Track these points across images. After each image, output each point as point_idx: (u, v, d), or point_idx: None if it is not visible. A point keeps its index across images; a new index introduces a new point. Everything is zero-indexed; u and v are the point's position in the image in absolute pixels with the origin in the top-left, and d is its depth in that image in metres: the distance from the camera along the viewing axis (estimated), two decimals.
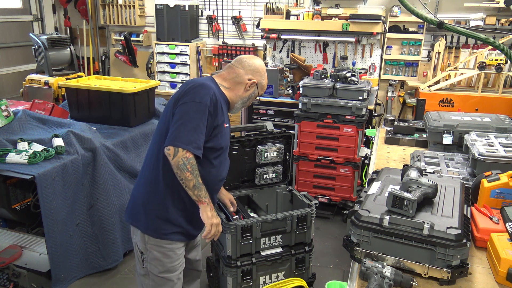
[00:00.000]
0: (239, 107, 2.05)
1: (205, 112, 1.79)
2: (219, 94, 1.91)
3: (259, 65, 2.03)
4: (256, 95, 2.05)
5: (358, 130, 3.68)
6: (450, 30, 2.42)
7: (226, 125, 1.97)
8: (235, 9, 5.47)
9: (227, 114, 2.01)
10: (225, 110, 1.97)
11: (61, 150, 2.74)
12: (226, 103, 1.98)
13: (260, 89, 2.05)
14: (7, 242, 2.91)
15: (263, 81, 2.04)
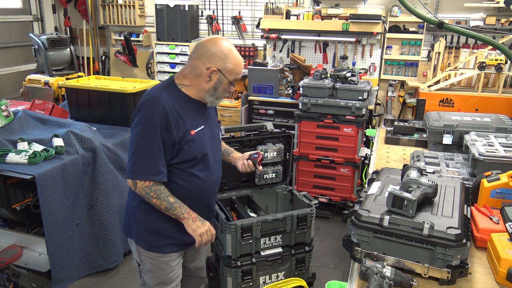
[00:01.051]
0: (212, 100, 1.80)
1: (156, 132, 1.65)
2: (174, 102, 1.71)
3: (217, 49, 1.71)
4: (225, 83, 1.75)
5: (358, 130, 3.69)
6: (450, 30, 2.42)
7: (195, 131, 1.75)
8: (235, 9, 5.47)
9: (199, 117, 1.80)
10: (190, 115, 1.75)
11: (61, 150, 2.74)
12: (193, 104, 1.78)
13: (228, 74, 1.74)
14: (7, 242, 2.91)
15: (228, 65, 1.72)
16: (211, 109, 1.94)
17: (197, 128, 1.77)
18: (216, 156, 1.90)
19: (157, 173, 1.68)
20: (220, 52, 1.72)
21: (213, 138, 1.90)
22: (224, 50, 1.72)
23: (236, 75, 1.77)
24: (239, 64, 1.76)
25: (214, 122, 1.95)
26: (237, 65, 1.76)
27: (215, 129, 1.94)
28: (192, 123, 1.76)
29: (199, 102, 1.80)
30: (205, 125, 1.82)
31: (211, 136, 1.88)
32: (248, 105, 4.58)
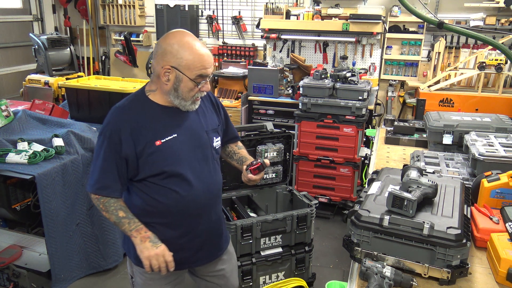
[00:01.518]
0: (182, 103, 1.59)
1: (107, 147, 1.54)
2: (136, 112, 1.58)
3: (168, 44, 1.52)
4: (186, 81, 1.53)
5: (358, 130, 3.69)
6: (450, 30, 2.42)
7: (162, 141, 1.56)
8: (235, 9, 5.47)
9: (171, 125, 1.60)
10: (158, 124, 1.58)
11: (61, 150, 2.74)
12: (162, 111, 1.60)
13: (186, 70, 1.51)
14: (7, 242, 2.91)
15: (183, 60, 1.50)
16: (201, 113, 1.72)
17: (166, 138, 1.57)
18: (203, 166, 1.66)
19: (103, 187, 1.56)
20: (171, 47, 1.51)
21: (198, 145, 1.66)
22: (176, 44, 1.51)
23: (198, 70, 1.52)
24: (199, 57, 1.51)
25: (200, 127, 1.69)
26: (196, 58, 1.51)
27: (202, 135, 1.68)
28: (160, 133, 1.57)
29: (170, 108, 1.61)
30: (181, 133, 1.61)
31: (193, 144, 1.65)
32: (248, 105, 4.58)
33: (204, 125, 1.71)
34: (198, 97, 1.60)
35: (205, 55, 1.54)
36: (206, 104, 1.78)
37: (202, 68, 1.53)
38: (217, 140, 1.76)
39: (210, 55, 1.58)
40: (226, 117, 1.90)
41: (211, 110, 1.78)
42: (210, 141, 1.71)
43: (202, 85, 1.58)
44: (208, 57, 1.56)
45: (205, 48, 1.56)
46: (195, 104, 1.62)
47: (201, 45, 1.55)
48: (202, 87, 1.58)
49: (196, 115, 1.69)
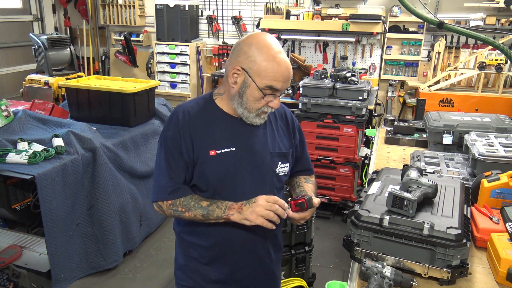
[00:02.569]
0: (244, 113, 1.39)
1: (167, 146, 1.42)
2: (199, 115, 1.43)
3: (246, 43, 1.35)
4: (254, 89, 1.34)
5: (358, 130, 3.68)
6: (450, 30, 2.42)
7: (217, 152, 1.39)
8: (235, 9, 5.47)
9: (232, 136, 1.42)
10: (217, 132, 1.42)
11: (61, 150, 2.74)
12: (225, 119, 1.44)
13: (256, 76, 1.32)
14: (7, 242, 2.91)
15: (256, 64, 1.32)
16: (270, 132, 1.50)
17: (222, 149, 1.40)
18: (258, 192, 1.39)
19: (175, 190, 1.42)
20: (248, 47, 1.33)
21: (257, 166, 1.44)
22: (255, 44, 1.33)
23: (269, 80, 1.32)
24: (274, 65, 1.31)
25: (265, 147, 1.46)
26: (270, 66, 1.31)
27: (265, 157, 1.45)
28: (217, 142, 1.40)
29: (235, 118, 1.43)
30: (240, 148, 1.42)
31: (252, 164, 1.43)
32: None
33: (270, 146, 1.48)
34: (265, 111, 1.40)
35: (282, 65, 1.33)
36: (279, 123, 1.56)
37: (274, 79, 1.32)
38: (284, 166, 1.51)
39: (289, 68, 1.36)
40: (303, 144, 1.67)
41: (283, 131, 1.56)
42: (273, 166, 1.48)
43: (270, 98, 1.37)
44: (286, 69, 1.34)
45: (286, 59, 1.35)
46: (260, 118, 1.42)
47: (283, 54, 1.35)
48: (270, 101, 1.37)
49: (264, 133, 1.48)
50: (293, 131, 1.62)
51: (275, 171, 1.49)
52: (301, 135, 1.67)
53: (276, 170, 1.49)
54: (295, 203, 1.38)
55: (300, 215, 1.38)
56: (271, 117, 1.54)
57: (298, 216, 1.38)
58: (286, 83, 1.36)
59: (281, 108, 1.61)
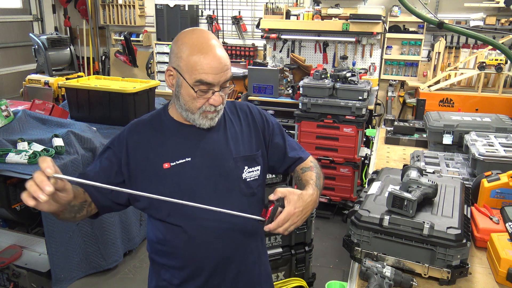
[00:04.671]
0: (189, 116, 1.26)
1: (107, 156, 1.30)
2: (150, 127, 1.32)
3: (174, 43, 1.24)
4: (186, 87, 1.21)
5: (358, 130, 3.69)
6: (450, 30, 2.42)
7: (172, 165, 1.27)
8: (235, 9, 5.47)
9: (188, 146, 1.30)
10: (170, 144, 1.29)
11: (61, 150, 2.74)
12: (179, 128, 1.31)
13: (186, 73, 1.20)
14: (7, 242, 2.91)
15: (182, 60, 1.20)
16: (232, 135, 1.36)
17: (177, 161, 1.27)
18: (224, 202, 1.25)
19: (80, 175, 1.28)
20: (176, 45, 1.23)
21: (219, 175, 1.31)
22: (180, 40, 1.23)
23: (197, 75, 1.18)
24: (201, 57, 1.18)
25: (226, 152, 1.33)
26: (198, 59, 1.18)
27: (227, 163, 1.32)
28: (170, 154, 1.28)
29: (187, 126, 1.31)
30: (197, 157, 1.29)
31: (213, 172, 1.30)
32: None
33: (233, 150, 1.34)
34: (208, 110, 1.25)
35: (209, 56, 1.19)
36: (243, 124, 1.41)
37: (202, 71, 1.18)
38: (252, 171, 1.36)
39: (220, 58, 1.20)
40: (281, 137, 1.48)
41: (248, 131, 1.41)
42: (239, 171, 1.33)
43: (208, 95, 1.22)
44: (214, 59, 1.19)
45: (217, 48, 1.21)
46: (208, 119, 1.27)
47: (211, 44, 1.21)
48: (209, 98, 1.23)
49: (223, 137, 1.34)
50: (263, 127, 1.44)
51: (241, 177, 1.34)
52: (275, 128, 1.48)
53: (243, 176, 1.34)
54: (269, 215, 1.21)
55: (273, 225, 1.19)
56: (232, 118, 1.40)
57: (272, 226, 1.19)
58: (219, 75, 1.20)
59: (244, 106, 1.47)
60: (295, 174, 1.50)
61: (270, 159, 1.45)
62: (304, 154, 1.51)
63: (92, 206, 1.27)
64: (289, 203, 1.20)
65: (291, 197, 1.21)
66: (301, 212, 1.22)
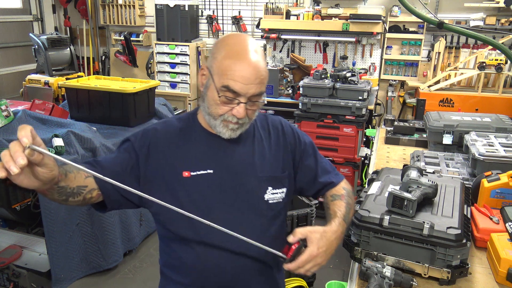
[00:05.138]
0: (210, 120, 1.19)
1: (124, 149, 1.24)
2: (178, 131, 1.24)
3: (216, 42, 1.21)
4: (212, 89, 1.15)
5: (358, 130, 3.69)
6: (450, 30, 2.42)
7: (191, 174, 1.19)
8: (235, 9, 5.47)
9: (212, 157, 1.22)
10: (193, 151, 1.22)
11: (61, 150, 2.74)
12: (206, 137, 1.24)
13: (216, 73, 1.14)
14: (7, 242, 2.91)
15: (216, 61, 1.15)
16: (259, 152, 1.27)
17: (198, 171, 1.20)
18: (241, 222, 1.20)
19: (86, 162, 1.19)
20: (216, 46, 1.19)
21: (240, 192, 1.22)
22: (221, 42, 1.18)
23: (226, 80, 1.11)
24: (236, 64, 1.11)
25: (251, 169, 1.24)
26: (232, 64, 1.11)
27: (249, 181, 1.23)
28: (192, 163, 1.21)
29: (213, 136, 1.22)
30: (219, 170, 1.21)
31: (233, 189, 1.22)
32: None
33: (258, 169, 1.25)
34: (229, 120, 1.16)
35: (244, 64, 1.11)
36: (273, 141, 1.32)
37: (231, 78, 1.10)
38: (276, 193, 1.26)
39: (255, 70, 1.11)
40: (314, 158, 1.39)
41: (277, 151, 1.31)
42: (261, 192, 1.24)
43: (232, 105, 1.13)
44: (249, 69, 1.11)
45: (256, 60, 1.12)
46: (228, 129, 1.17)
47: (249, 52, 1.13)
48: (233, 108, 1.14)
49: (250, 153, 1.26)
50: (294, 147, 1.35)
51: (263, 198, 1.24)
52: (307, 148, 1.39)
53: (265, 197, 1.25)
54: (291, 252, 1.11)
55: (294, 264, 1.10)
56: (262, 133, 1.31)
57: (293, 266, 1.10)
58: (248, 86, 1.11)
59: (276, 122, 1.37)
60: (324, 199, 1.38)
61: (299, 181, 1.35)
62: (336, 179, 1.39)
63: (94, 194, 1.14)
64: (311, 243, 1.11)
65: (313, 236, 1.12)
66: (324, 253, 1.12)
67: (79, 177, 1.10)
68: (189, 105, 5.40)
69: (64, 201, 1.10)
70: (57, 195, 1.06)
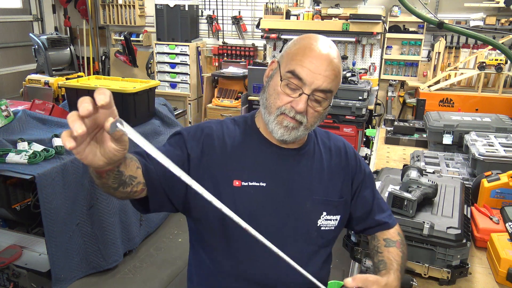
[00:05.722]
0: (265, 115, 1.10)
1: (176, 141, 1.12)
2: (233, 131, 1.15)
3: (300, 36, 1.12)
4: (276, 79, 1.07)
5: (358, 130, 3.69)
6: (450, 30, 2.42)
7: (243, 184, 1.09)
8: (235, 9, 5.47)
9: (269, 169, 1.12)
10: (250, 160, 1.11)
11: (61, 150, 2.74)
12: (259, 143, 1.14)
13: (283, 61, 1.08)
14: (7, 242, 2.91)
15: (285, 51, 1.11)
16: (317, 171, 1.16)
17: (250, 182, 1.09)
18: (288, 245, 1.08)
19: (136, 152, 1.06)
20: (289, 42, 1.13)
21: (290, 214, 1.12)
22: (297, 39, 1.11)
23: (293, 65, 1.04)
24: (306, 50, 1.04)
25: (306, 189, 1.14)
26: (302, 51, 1.05)
27: (303, 202, 1.13)
28: (246, 172, 1.10)
29: (271, 145, 1.14)
30: (273, 185, 1.11)
31: (284, 208, 1.11)
32: (248, 105, 4.58)
33: (315, 189, 1.14)
34: (286, 114, 1.06)
35: (315, 52, 1.04)
36: (334, 161, 1.20)
37: (299, 63, 1.03)
38: (330, 219, 1.16)
39: (325, 60, 1.04)
40: (372, 190, 1.27)
41: (337, 173, 1.20)
42: (315, 216, 1.14)
43: (294, 95, 1.04)
44: (317, 57, 1.03)
45: (327, 51, 1.05)
46: (282, 126, 1.07)
47: (323, 45, 1.07)
48: (293, 100, 1.04)
49: (308, 170, 1.15)
50: (354, 173, 1.23)
51: (316, 223, 1.13)
52: (367, 178, 1.25)
53: (318, 222, 1.14)
54: None
55: None
56: (323, 150, 1.20)
57: None
58: (315, 75, 1.02)
59: (339, 141, 1.26)
60: (374, 240, 1.25)
61: (352, 212, 1.24)
62: (391, 220, 1.27)
63: (139, 188, 1.00)
64: None
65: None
66: None
67: (132, 165, 0.97)
68: (189, 105, 5.40)
69: (114, 190, 0.95)
70: (111, 181, 0.91)
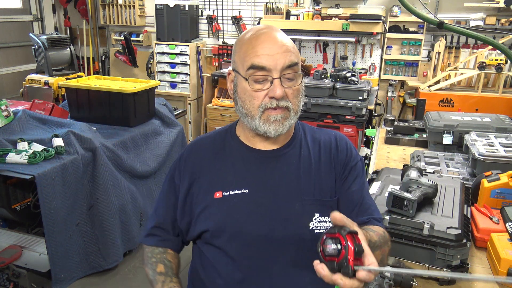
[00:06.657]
0: (250, 122, 1.05)
1: (168, 185, 1.17)
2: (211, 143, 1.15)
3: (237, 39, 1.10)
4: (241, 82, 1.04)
5: (358, 130, 3.69)
6: (450, 30, 2.42)
7: (224, 194, 1.06)
8: (235, 9, 5.47)
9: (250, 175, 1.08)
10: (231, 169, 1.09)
11: (61, 150, 2.74)
12: (239, 150, 1.12)
13: (240, 65, 1.04)
14: (7, 242, 2.91)
15: (236, 55, 1.07)
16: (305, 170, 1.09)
17: (231, 191, 1.05)
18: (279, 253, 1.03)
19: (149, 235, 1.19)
20: (234, 47, 1.10)
21: (279, 218, 1.04)
22: (237, 40, 1.09)
23: (249, 61, 1.00)
24: (253, 41, 1.01)
25: (294, 190, 1.06)
26: (250, 44, 1.02)
27: (292, 204, 1.05)
28: (226, 182, 1.07)
29: (252, 150, 1.10)
30: (256, 190, 1.06)
31: (271, 213, 1.04)
32: None
33: (304, 190, 1.06)
34: (271, 107, 1.02)
35: (261, 38, 1.01)
36: (323, 157, 1.12)
37: (254, 55, 0.99)
38: (324, 220, 1.05)
39: (275, 38, 1.01)
40: (361, 187, 1.14)
41: (328, 170, 1.11)
42: (306, 219, 1.04)
43: (265, 86, 1.01)
44: (268, 40, 1.00)
45: (274, 32, 1.02)
46: (271, 122, 1.03)
47: (266, 29, 1.04)
48: (269, 90, 1.01)
49: (295, 170, 1.08)
50: (345, 167, 1.12)
51: (307, 226, 1.03)
52: (358, 168, 1.15)
53: (310, 225, 1.03)
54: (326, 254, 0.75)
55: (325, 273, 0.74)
56: (311, 146, 1.13)
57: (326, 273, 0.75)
58: (275, 56, 0.99)
59: (330, 134, 1.18)
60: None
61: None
62: (378, 218, 1.16)
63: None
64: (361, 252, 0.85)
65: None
66: None
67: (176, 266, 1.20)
68: (189, 105, 5.40)
69: None
70: None
